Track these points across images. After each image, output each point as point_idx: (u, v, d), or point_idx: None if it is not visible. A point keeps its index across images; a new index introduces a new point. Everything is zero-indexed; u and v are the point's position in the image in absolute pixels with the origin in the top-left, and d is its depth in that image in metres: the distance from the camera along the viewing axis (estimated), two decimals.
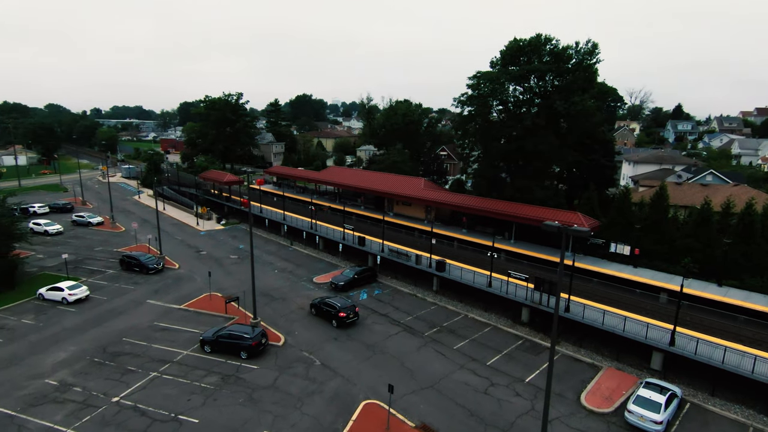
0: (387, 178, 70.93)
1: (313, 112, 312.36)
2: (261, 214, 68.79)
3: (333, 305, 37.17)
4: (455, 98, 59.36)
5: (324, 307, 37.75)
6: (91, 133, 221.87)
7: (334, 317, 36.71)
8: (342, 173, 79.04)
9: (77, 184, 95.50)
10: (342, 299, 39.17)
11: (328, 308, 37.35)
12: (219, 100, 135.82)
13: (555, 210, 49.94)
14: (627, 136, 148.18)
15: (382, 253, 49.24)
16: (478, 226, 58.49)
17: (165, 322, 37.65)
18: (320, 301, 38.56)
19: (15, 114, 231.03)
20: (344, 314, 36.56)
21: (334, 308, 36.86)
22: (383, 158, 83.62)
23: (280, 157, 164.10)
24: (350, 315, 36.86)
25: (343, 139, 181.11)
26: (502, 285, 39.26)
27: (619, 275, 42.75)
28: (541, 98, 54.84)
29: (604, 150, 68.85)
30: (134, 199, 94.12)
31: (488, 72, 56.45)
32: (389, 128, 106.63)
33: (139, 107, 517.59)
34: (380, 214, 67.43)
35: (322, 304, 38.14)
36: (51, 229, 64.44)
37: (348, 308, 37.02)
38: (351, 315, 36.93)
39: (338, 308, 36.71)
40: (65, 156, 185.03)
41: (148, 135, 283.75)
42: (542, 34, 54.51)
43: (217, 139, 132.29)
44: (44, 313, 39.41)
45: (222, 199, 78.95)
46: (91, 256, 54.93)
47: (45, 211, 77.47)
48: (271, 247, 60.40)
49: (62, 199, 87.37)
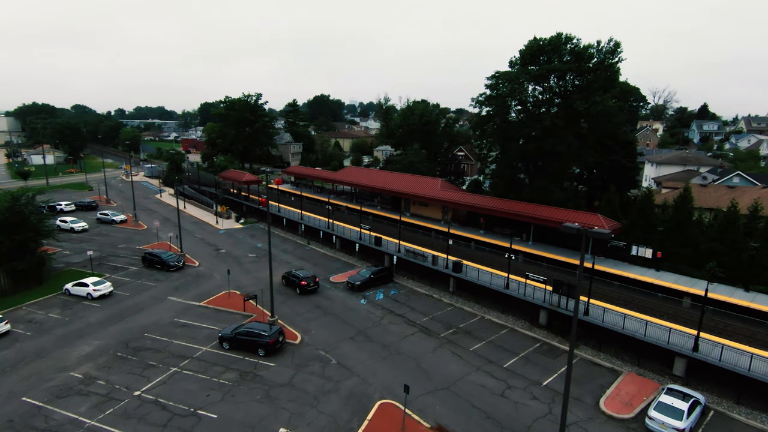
0: (404, 178, 70.89)
1: (330, 112, 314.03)
2: (279, 214, 69.53)
3: (297, 276, 45.19)
4: (473, 98, 59.10)
5: (291, 278, 45.65)
6: (115, 133, 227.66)
7: (297, 285, 44.48)
8: (359, 173, 79.37)
9: (102, 182, 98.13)
10: (305, 271, 46.64)
11: (294, 278, 45.22)
12: (238, 100, 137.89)
13: (574, 211, 49.18)
14: (650, 137, 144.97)
15: (399, 253, 49.24)
16: (495, 227, 57.98)
17: (185, 319, 38.39)
18: (288, 273, 46.59)
19: (44, 114, 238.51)
20: (305, 283, 44.25)
21: (298, 278, 44.89)
22: (400, 158, 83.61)
23: (297, 157, 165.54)
24: (311, 284, 44.48)
25: (360, 139, 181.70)
26: (519, 287, 38.84)
27: (641, 279, 41.84)
28: (561, 98, 54.11)
29: (626, 151, 67.46)
30: (156, 197, 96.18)
31: (507, 72, 55.95)
32: (406, 128, 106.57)
33: (162, 108, 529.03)
34: (397, 215, 67.51)
35: (289, 275, 46.09)
36: (77, 227, 66.36)
37: (309, 278, 44.75)
38: (311, 284, 44.52)
39: (300, 278, 44.84)
40: (90, 155, 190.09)
41: (170, 135, 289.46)
42: (563, 33, 53.81)
43: (237, 139, 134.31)
44: (70, 308, 40.60)
45: (241, 198, 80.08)
46: (115, 253, 56.36)
47: (71, 208, 79.86)
48: (288, 246, 61.01)
49: (87, 198, 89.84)
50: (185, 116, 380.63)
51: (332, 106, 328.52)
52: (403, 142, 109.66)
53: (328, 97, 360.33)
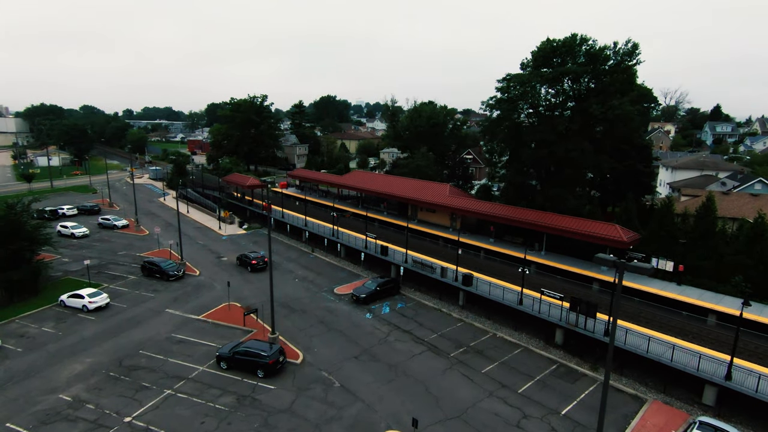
0: (411, 183, 68.93)
1: (336, 113, 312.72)
2: (283, 219, 67.85)
3: (248, 256, 53.22)
4: (483, 101, 57.19)
5: (243, 258, 53.52)
6: (122, 135, 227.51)
7: (248, 264, 52.25)
8: (365, 177, 77.53)
9: (106, 185, 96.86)
10: (256, 252, 54.63)
11: (245, 258, 53.18)
12: (244, 102, 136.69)
13: (591, 221, 46.98)
14: (662, 139, 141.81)
15: (406, 264, 47.32)
16: (506, 236, 55.86)
17: (182, 334, 36.74)
18: (242, 255, 54.34)
19: (51, 116, 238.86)
20: (255, 262, 52.11)
21: (248, 258, 52.69)
22: (407, 162, 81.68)
23: (303, 158, 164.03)
24: (260, 263, 52.07)
25: (366, 141, 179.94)
26: (533, 303, 36.76)
27: (662, 294, 39.59)
28: (576, 101, 51.88)
29: (641, 155, 65.17)
30: (160, 201, 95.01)
31: (518, 74, 53.81)
32: (413, 131, 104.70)
33: (169, 108, 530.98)
34: (404, 221, 65.58)
35: (242, 256, 53.81)
36: (77, 232, 65.10)
37: (259, 258, 52.51)
38: (260, 263, 52.06)
39: (251, 258, 52.50)
40: (96, 157, 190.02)
41: (177, 136, 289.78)
42: (577, 34, 51.58)
43: (242, 141, 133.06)
44: (64, 321, 39.12)
45: (245, 203, 78.55)
46: (114, 261, 54.93)
47: (74, 213, 78.77)
48: (292, 254, 59.28)
49: (90, 201, 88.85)
50: (192, 117, 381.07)
51: (338, 107, 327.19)
52: (410, 145, 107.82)
53: (335, 98, 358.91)
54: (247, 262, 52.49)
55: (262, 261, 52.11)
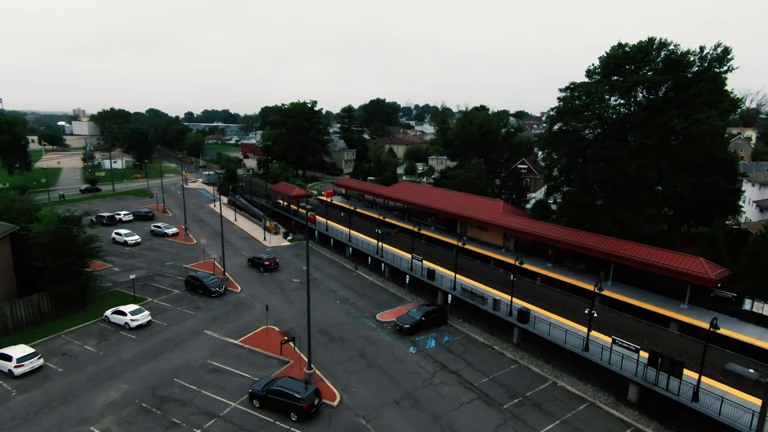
0: (461, 198, 65.04)
1: (385, 116, 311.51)
2: (326, 233, 66.15)
3: (260, 257, 56.98)
4: (543, 113, 52.41)
5: (256, 260, 57.05)
6: (181, 138, 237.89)
7: (261, 266, 55.95)
8: (411, 190, 74.38)
9: (162, 189, 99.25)
10: (266, 255, 59.02)
11: (258, 260, 56.86)
12: (294, 105, 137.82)
13: (669, 252, 41.20)
14: (742, 146, 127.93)
15: (454, 291, 43.73)
16: (567, 260, 50.82)
17: (218, 361, 35.34)
18: (254, 257, 58.15)
19: (119, 119, 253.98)
20: (267, 263, 55.87)
21: (261, 259, 56.55)
22: (457, 173, 77.70)
23: (351, 164, 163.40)
24: (272, 264, 56.34)
25: (414, 145, 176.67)
26: (602, 350, 32.04)
27: (759, 344, 33.56)
28: (651, 114, 46.02)
29: (725, 170, 57.66)
30: (210, 207, 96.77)
31: (585, 83, 48.74)
32: (464, 138, 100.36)
33: (226, 111, 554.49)
34: (452, 237, 61.89)
35: (255, 258, 57.63)
36: (130, 240, 66.69)
37: (271, 259, 56.66)
38: (272, 264, 56.38)
39: (264, 259, 56.47)
40: (157, 159, 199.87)
41: (232, 139, 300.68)
42: (655, 37, 45.78)
43: (291, 147, 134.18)
44: (106, 338, 38.98)
45: (290, 213, 77.82)
46: (161, 272, 55.28)
47: (129, 219, 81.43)
48: (334, 271, 57.25)
49: (145, 206, 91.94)
50: (247, 119, 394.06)
51: (387, 109, 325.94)
52: (460, 153, 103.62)
53: (384, 101, 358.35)
54: (260, 263, 56.25)
55: (274, 262, 56.66)
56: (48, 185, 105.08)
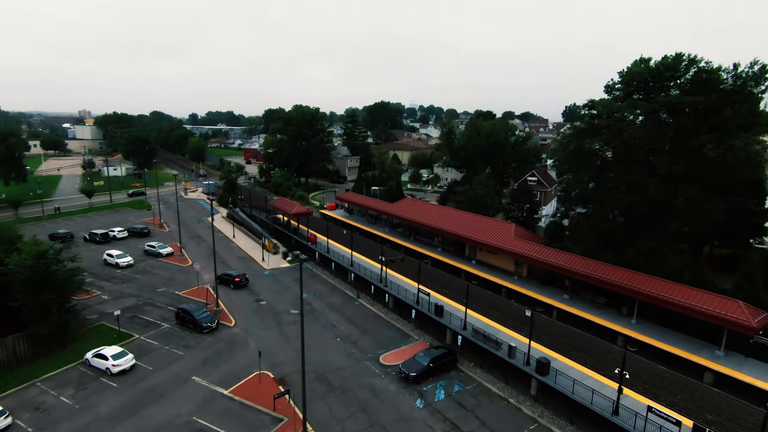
0: (470, 219, 61.42)
1: (389, 119, 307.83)
2: (327, 255, 62.71)
3: (230, 274, 56.33)
4: (560, 133, 48.56)
5: (225, 277, 55.86)
6: (184, 142, 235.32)
7: (231, 282, 55.66)
8: (418, 208, 70.75)
9: (161, 199, 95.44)
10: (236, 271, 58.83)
11: (227, 276, 55.94)
12: (295, 114, 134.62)
13: (703, 293, 37.41)
14: None
15: (464, 332, 40.16)
16: (585, 292, 47.15)
17: (205, 418, 31.97)
18: (224, 273, 56.62)
19: (122, 124, 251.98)
20: (238, 279, 56.00)
21: (231, 276, 55.77)
22: (465, 189, 74.07)
23: (355, 171, 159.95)
24: (242, 281, 56.02)
25: (419, 151, 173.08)
26: (636, 419, 28.28)
27: None
28: (679, 136, 42.24)
29: (753, 191, 53.83)
30: (209, 221, 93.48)
31: (605, 101, 44.99)
32: (471, 149, 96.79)
33: (230, 112, 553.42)
34: (460, 261, 58.42)
35: (224, 275, 56.22)
36: (122, 262, 63.57)
37: (242, 275, 56.28)
38: (243, 281, 56.01)
39: (234, 275, 55.95)
40: (159, 164, 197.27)
41: (234, 142, 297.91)
42: (683, 53, 41.98)
43: (292, 154, 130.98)
44: (85, 387, 35.74)
45: (290, 230, 74.47)
46: (152, 300, 52.10)
47: (124, 235, 78.42)
48: (335, 299, 53.81)
49: (142, 221, 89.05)
50: (250, 122, 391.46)
51: (392, 112, 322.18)
52: (467, 164, 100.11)
53: (388, 103, 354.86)
54: (229, 280, 55.30)
55: (244, 278, 55.79)
56: (44, 196, 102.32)
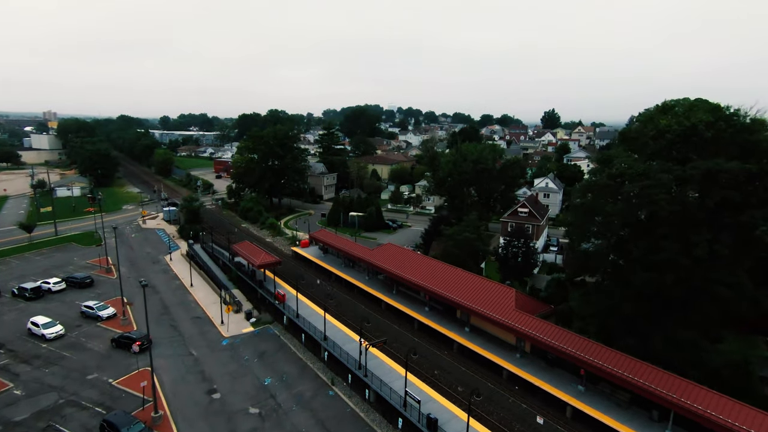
0: (462, 279, 53.28)
1: (368, 126, 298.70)
2: (297, 321, 53.60)
3: (130, 337, 49.93)
4: (573, 190, 40.90)
5: (123, 340, 50.12)
6: (150, 153, 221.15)
7: (131, 346, 48.57)
8: (401, 259, 61.93)
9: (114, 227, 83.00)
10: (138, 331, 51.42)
11: (126, 339, 49.93)
12: (266, 132, 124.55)
13: (761, 413, 30.09)
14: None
15: None
16: (603, 384, 39.52)
17: None
18: (121, 336, 50.78)
19: (82, 133, 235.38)
20: (140, 342, 48.49)
21: (131, 338, 49.45)
22: (453, 232, 65.96)
23: (331, 189, 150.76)
24: (144, 343, 47.89)
25: (399, 165, 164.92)
26: None
27: None
28: (722, 207, 34.92)
29: None
30: (165, 261, 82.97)
31: (629, 159, 37.40)
32: (457, 177, 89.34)
33: (204, 115, 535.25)
34: (452, 328, 50.33)
35: (122, 338, 50.35)
36: (50, 333, 53.01)
37: (143, 337, 48.58)
38: (145, 343, 47.64)
39: (135, 338, 49.46)
40: (121, 180, 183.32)
41: (206, 151, 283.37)
42: (722, 105, 34.74)
43: (263, 176, 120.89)
44: None
45: (255, 282, 64.95)
46: (76, 398, 42.11)
47: (61, 288, 67.52)
48: (305, 387, 44.78)
49: (87, 263, 78.11)
50: (224, 127, 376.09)
51: (370, 119, 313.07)
52: (453, 192, 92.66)
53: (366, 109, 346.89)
54: (128, 343, 49.40)
55: (147, 340, 46.85)
56: None
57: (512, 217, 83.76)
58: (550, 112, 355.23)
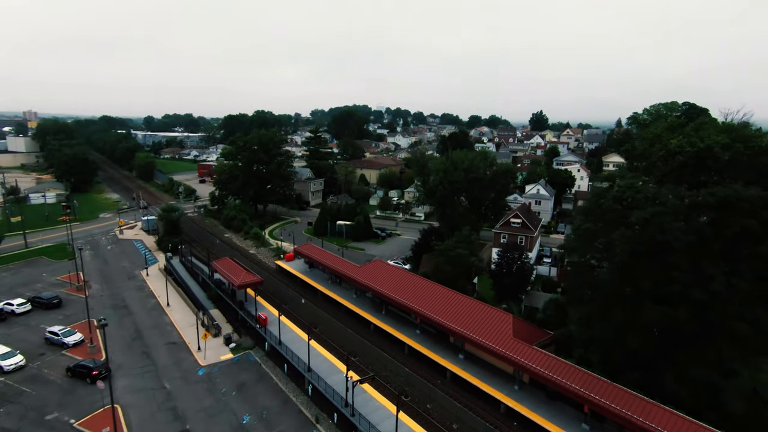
0: (456, 302, 50.13)
1: (356, 127, 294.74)
2: (279, 348, 49.92)
3: (86, 366, 45.60)
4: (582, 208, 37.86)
5: (78, 369, 45.93)
6: (131, 156, 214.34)
7: (88, 376, 44.90)
8: (391, 278, 58.49)
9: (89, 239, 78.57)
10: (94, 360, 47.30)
11: (82, 369, 45.60)
12: (251, 138, 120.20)
13: None
14: None
15: None
16: (609, 422, 36.67)
17: None
18: (77, 364, 46.10)
19: (60, 135, 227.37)
20: (96, 372, 44.67)
21: (87, 368, 45.39)
22: (445, 247, 62.66)
23: (318, 195, 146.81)
24: (102, 372, 44.31)
25: (388, 169, 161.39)
26: None
27: None
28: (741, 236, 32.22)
29: None
30: (142, 276, 78.46)
31: (634, 184, 34.58)
32: (448, 186, 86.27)
33: (189, 115, 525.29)
34: (445, 356, 47.20)
35: (77, 366, 45.93)
36: (8, 365, 48.56)
37: (100, 366, 45.18)
38: (102, 372, 44.27)
39: (91, 367, 45.44)
40: (100, 185, 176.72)
41: (190, 153, 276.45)
42: (746, 123, 32.01)
43: (247, 183, 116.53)
44: None
45: (235, 302, 61.04)
46: None
47: (25, 309, 62.79)
48: (286, 425, 41.10)
49: (57, 279, 73.35)
50: (209, 128, 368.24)
51: (358, 121, 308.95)
52: (444, 201, 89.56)
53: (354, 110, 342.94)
54: (85, 373, 45.52)
55: (105, 368, 44.36)
56: None
57: (505, 228, 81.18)
58: (538, 113, 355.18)
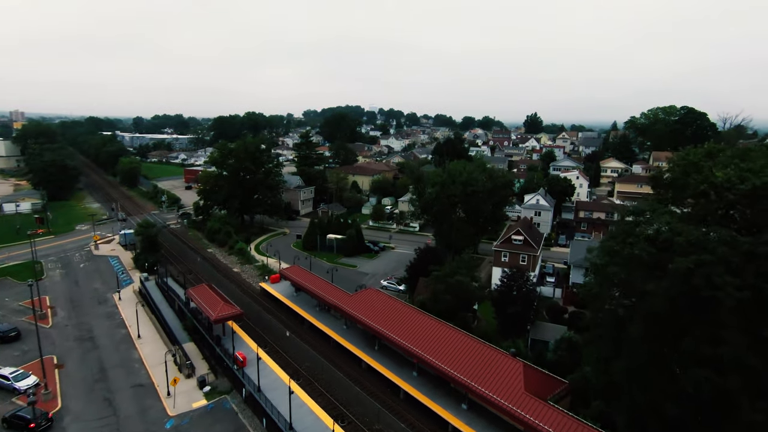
0: (460, 344, 44.50)
1: (348, 130, 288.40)
2: (258, 397, 44.09)
3: (23, 417, 39.76)
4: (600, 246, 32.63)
5: (15, 420, 39.98)
6: (115, 161, 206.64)
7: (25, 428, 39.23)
8: (384, 311, 52.65)
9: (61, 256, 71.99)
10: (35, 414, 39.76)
11: (19, 420, 39.84)
12: (237, 146, 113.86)
13: None
14: None
15: None
16: None
17: None
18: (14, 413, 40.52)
19: (42, 139, 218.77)
20: (34, 426, 39.22)
21: (24, 419, 39.58)
22: (444, 274, 57.10)
23: (308, 203, 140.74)
24: (42, 423, 39.79)
25: (381, 176, 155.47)
26: None
27: None
28: None
29: None
30: (114, 300, 72.21)
31: (677, 226, 29.20)
32: (446, 201, 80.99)
33: (179, 116, 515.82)
34: (447, 407, 41.62)
35: (14, 417, 40.15)
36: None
37: (40, 416, 39.82)
38: (43, 423, 39.87)
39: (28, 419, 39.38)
40: (81, 192, 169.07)
41: (178, 156, 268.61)
42: None
43: (232, 194, 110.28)
44: None
45: (212, 337, 55.10)
46: None
47: None
48: None
49: (20, 305, 66.84)
50: (198, 131, 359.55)
51: (351, 123, 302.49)
52: (440, 218, 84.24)
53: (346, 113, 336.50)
54: (21, 425, 39.44)
55: (45, 419, 40.22)
56: None
57: (506, 246, 76.06)
58: (533, 116, 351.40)
